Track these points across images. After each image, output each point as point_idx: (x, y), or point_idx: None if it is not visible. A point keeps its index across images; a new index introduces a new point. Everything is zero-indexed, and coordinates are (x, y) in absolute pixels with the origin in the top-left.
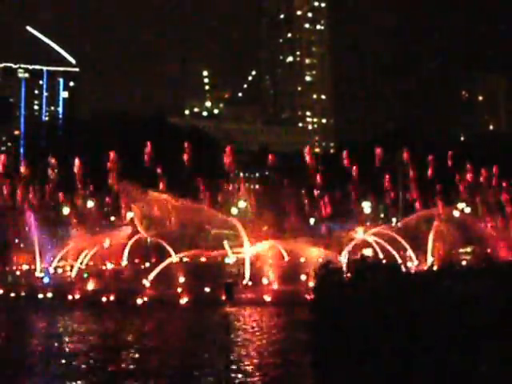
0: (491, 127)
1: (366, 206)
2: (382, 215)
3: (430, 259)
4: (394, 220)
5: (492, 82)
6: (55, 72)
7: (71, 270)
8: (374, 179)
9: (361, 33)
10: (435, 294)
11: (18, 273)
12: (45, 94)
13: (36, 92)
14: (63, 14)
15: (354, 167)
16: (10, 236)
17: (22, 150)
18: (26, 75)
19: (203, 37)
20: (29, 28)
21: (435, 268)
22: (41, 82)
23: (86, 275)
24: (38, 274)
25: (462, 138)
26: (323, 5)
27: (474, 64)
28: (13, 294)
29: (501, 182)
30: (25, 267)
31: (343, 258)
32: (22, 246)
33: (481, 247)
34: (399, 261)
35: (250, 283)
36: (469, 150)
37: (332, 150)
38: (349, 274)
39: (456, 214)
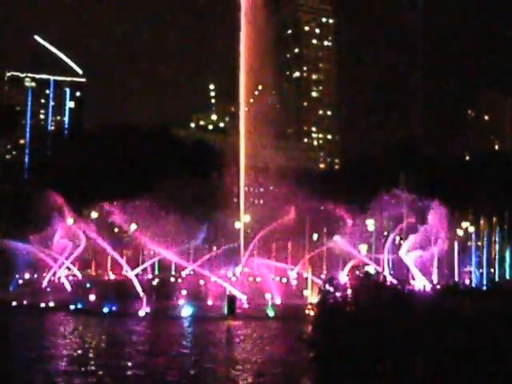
0: (496, 147)
1: (370, 224)
2: (386, 233)
3: (434, 278)
4: (397, 238)
5: (498, 102)
6: (62, 82)
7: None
8: (378, 196)
9: (368, 49)
10: (439, 314)
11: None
12: (51, 103)
13: (42, 101)
14: (71, 24)
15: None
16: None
17: (26, 159)
18: (33, 84)
19: (211, 50)
20: (37, 37)
21: (439, 287)
22: (47, 92)
23: (88, 285)
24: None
25: (467, 158)
26: (331, 21)
27: (481, 84)
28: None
29: (504, 203)
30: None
31: (345, 275)
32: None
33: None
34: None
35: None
36: (474, 169)
37: (337, 166)
38: (350, 291)
39: (460, 233)
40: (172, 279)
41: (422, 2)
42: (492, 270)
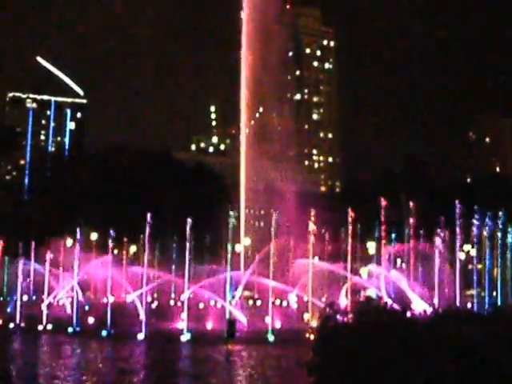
0: (498, 169)
1: (371, 247)
2: (387, 256)
3: (435, 301)
4: (398, 261)
5: (498, 124)
6: (63, 103)
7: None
8: (379, 219)
9: (369, 72)
10: (441, 338)
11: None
12: (52, 124)
13: (43, 122)
14: (73, 45)
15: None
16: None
17: (26, 180)
18: (34, 105)
19: (212, 73)
20: (39, 58)
21: (440, 310)
22: (48, 113)
23: (87, 307)
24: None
25: (469, 180)
26: (332, 43)
27: (482, 106)
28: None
29: (507, 225)
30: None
31: (343, 298)
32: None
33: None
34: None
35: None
36: (475, 192)
37: (338, 189)
38: (351, 316)
39: (462, 256)
40: (171, 302)
41: (422, 25)
42: (494, 293)
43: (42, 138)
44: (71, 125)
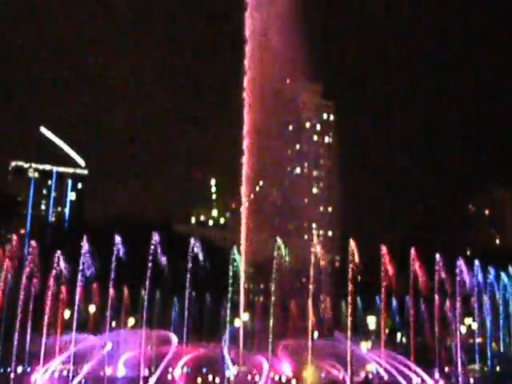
0: (498, 241)
1: (371, 322)
2: (387, 330)
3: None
4: (398, 335)
5: (499, 197)
6: (64, 173)
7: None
8: (379, 292)
9: (369, 145)
10: None
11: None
12: (53, 194)
13: (44, 192)
14: (74, 116)
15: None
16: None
17: (25, 250)
18: (36, 175)
19: (212, 146)
20: (42, 129)
21: None
22: (49, 182)
23: (83, 381)
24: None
25: (468, 253)
26: (332, 117)
27: (481, 178)
28: None
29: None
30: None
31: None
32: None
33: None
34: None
35: None
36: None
37: (337, 264)
38: None
39: (463, 330)
40: (169, 376)
41: (420, 98)
42: (498, 369)
43: (43, 207)
44: (72, 195)
